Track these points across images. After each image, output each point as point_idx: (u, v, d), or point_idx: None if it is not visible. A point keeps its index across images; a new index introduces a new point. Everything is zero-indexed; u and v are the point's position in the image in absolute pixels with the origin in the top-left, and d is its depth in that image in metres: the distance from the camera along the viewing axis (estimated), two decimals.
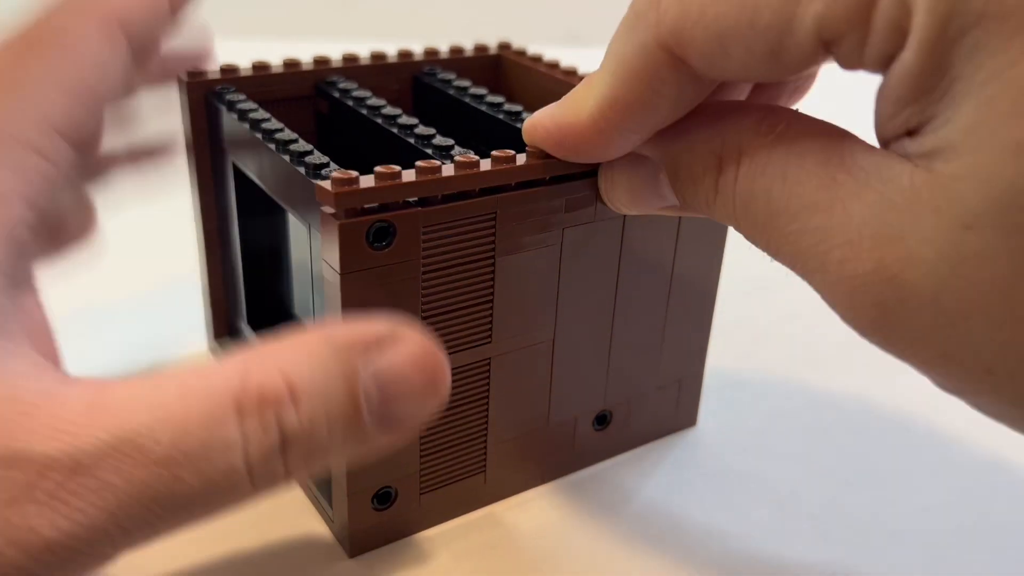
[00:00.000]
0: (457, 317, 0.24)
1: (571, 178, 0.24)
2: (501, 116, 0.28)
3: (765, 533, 0.27)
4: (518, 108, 0.29)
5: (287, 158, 0.24)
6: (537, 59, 0.34)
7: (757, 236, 0.19)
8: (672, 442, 0.30)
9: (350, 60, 0.32)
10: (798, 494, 0.28)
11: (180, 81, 0.29)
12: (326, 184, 0.21)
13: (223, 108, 0.28)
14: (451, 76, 0.32)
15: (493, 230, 0.23)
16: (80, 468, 0.16)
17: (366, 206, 0.21)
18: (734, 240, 0.26)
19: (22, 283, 0.20)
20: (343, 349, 0.18)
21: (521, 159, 0.23)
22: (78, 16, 0.23)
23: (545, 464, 0.28)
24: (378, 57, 0.32)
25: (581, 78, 0.31)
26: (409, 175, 0.21)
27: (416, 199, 0.22)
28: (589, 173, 0.24)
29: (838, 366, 0.35)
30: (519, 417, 0.26)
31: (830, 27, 0.16)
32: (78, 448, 0.16)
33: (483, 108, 0.29)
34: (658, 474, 0.29)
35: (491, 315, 0.24)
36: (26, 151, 0.20)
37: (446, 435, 0.25)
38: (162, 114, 0.30)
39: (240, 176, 0.29)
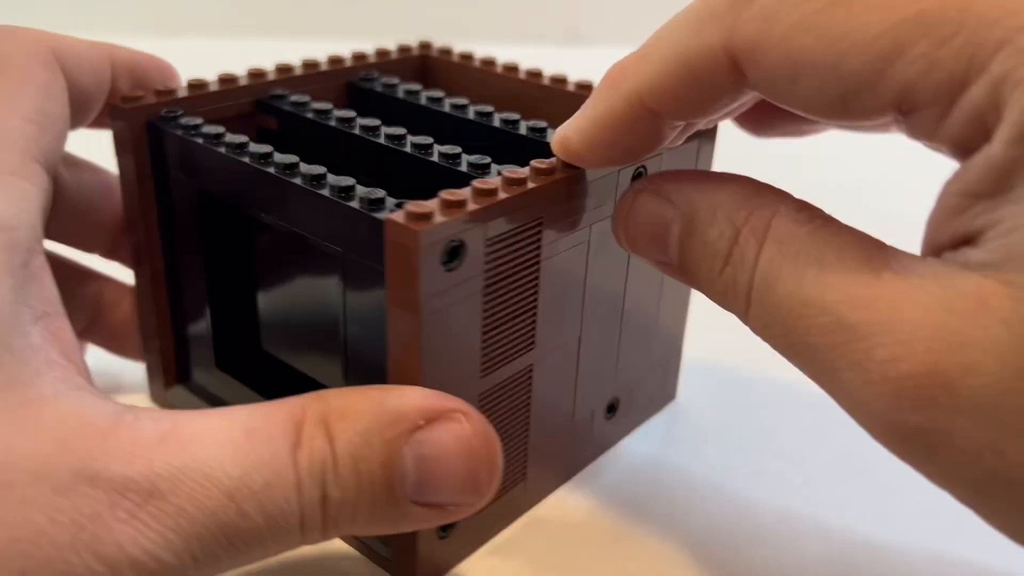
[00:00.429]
0: (510, 328, 0.23)
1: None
2: (472, 117, 0.28)
3: (766, 476, 0.29)
4: (463, 101, 0.28)
5: (325, 192, 0.22)
6: (468, 56, 0.33)
7: (771, 323, 0.18)
8: (659, 417, 0.32)
9: (284, 71, 0.30)
10: (767, 442, 0.31)
11: (114, 107, 0.26)
12: (399, 218, 0.19)
13: (183, 135, 0.25)
14: (395, 80, 0.31)
15: (540, 236, 0.23)
16: (157, 492, 0.17)
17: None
18: None
19: (50, 310, 0.20)
20: (389, 422, 0.19)
21: (561, 168, 0.23)
22: (12, 43, 0.23)
23: (570, 460, 0.28)
24: (311, 66, 0.30)
25: (532, 73, 0.31)
26: (466, 198, 0.20)
27: None
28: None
29: None
30: (552, 419, 0.26)
31: (914, 96, 0.16)
32: (155, 472, 0.17)
33: (446, 108, 0.28)
34: (657, 446, 0.30)
35: (535, 321, 0.24)
36: (14, 178, 0.20)
37: None
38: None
39: (207, 207, 0.26)
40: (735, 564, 0.25)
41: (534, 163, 0.22)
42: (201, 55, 0.39)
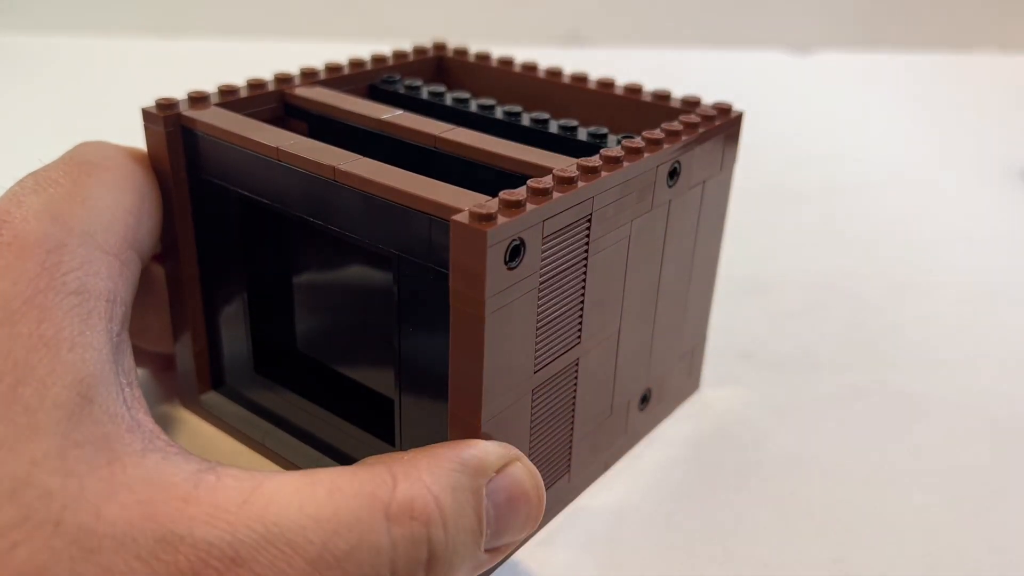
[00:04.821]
0: (561, 324, 0.23)
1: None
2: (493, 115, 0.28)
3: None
4: (490, 102, 0.29)
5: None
6: (484, 56, 0.33)
7: None
8: (684, 406, 0.32)
9: (309, 75, 0.30)
10: (773, 436, 0.32)
11: (148, 113, 0.26)
12: (464, 218, 0.20)
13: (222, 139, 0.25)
14: (418, 82, 0.31)
15: (588, 232, 0.23)
16: (239, 559, 0.17)
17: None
18: (734, 240, 0.26)
19: (131, 380, 0.21)
20: (474, 473, 0.20)
21: (605, 165, 0.23)
22: (115, 149, 0.25)
23: (608, 451, 0.28)
24: (334, 69, 0.31)
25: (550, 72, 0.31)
26: (524, 197, 0.21)
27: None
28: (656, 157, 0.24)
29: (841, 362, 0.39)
30: (594, 411, 0.27)
31: None
32: (236, 538, 0.17)
33: (472, 109, 0.29)
34: (686, 431, 0.31)
35: (581, 316, 0.24)
36: (115, 260, 0.22)
37: (544, 445, 0.25)
38: None
39: (246, 210, 0.26)
40: (773, 546, 0.26)
41: (580, 161, 0.23)
42: (200, 56, 0.39)
